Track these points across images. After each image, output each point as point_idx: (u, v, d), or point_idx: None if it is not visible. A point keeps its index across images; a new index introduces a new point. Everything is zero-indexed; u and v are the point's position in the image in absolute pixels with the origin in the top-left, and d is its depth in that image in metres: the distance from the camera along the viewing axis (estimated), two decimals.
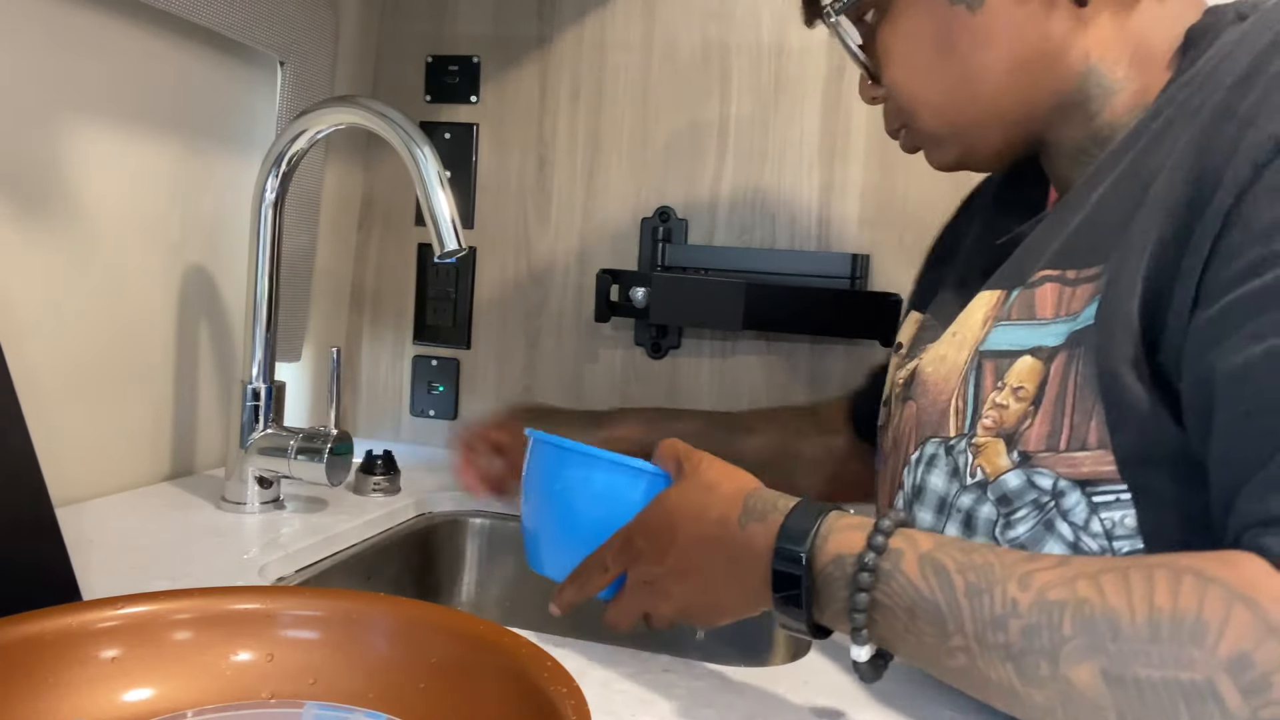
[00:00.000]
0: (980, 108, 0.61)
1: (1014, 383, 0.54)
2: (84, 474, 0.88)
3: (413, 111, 1.21)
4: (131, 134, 0.90)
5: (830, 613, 0.50)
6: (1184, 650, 0.39)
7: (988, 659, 0.44)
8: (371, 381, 1.27)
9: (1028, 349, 0.54)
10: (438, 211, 0.77)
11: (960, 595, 0.45)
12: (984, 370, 0.56)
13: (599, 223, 1.17)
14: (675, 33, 1.13)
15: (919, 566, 0.47)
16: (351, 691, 0.50)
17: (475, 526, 1.05)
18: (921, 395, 0.61)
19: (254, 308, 0.90)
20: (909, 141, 0.67)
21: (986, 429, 0.54)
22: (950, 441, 0.57)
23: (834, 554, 0.50)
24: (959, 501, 0.55)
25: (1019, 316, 0.56)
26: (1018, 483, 0.52)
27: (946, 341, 0.61)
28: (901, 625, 0.47)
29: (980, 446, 0.55)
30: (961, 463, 0.56)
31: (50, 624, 0.47)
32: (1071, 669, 0.42)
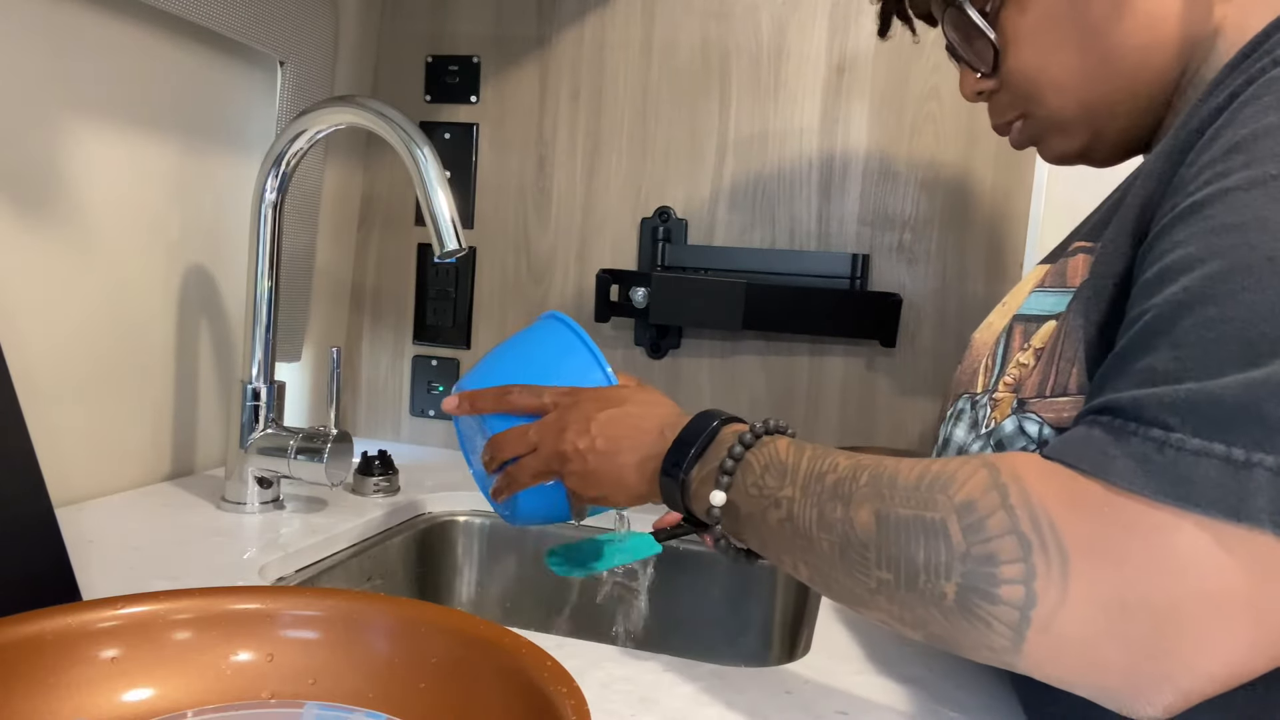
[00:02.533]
0: (1114, 86, 0.60)
1: (1036, 344, 0.57)
2: (84, 474, 0.88)
3: (413, 111, 1.21)
4: (131, 134, 0.90)
5: (705, 470, 0.58)
6: (932, 495, 0.46)
7: (803, 505, 0.51)
8: (371, 381, 1.27)
9: (1054, 314, 0.56)
10: (438, 211, 0.77)
11: (805, 460, 0.53)
12: (1014, 332, 0.59)
13: (599, 223, 1.17)
14: (675, 33, 1.13)
15: (788, 444, 0.55)
16: (351, 691, 0.50)
17: (475, 526, 1.05)
18: (965, 359, 0.65)
19: (254, 308, 0.90)
20: (1026, 133, 0.66)
21: (1006, 385, 0.58)
22: (976, 397, 0.60)
23: (736, 429, 0.59)
24: (971, 449, 0.59)
25: (1052, 284, 0.58)
26: (1011, 428, 0.56)
27: (996, 310, 0.65)
28: (752, 479, 0.55)
29: (998, 401, 0.58)
30: (980, 415, 0.59)
31: (50, 624, 0.47)
32: (856, 510, 0.48)
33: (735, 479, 0.56)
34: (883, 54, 1.08)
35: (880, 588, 0.47)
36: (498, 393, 0.70)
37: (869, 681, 0.62)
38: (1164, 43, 0.58)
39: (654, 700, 0.57)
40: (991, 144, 1.05)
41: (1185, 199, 0.46)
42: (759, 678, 0.61)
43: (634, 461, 0.62)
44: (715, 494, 0.56)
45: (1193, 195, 0.45)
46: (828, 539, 0.49)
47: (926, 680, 0.62)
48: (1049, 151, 0.66)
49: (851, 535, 0.48)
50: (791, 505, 0.52)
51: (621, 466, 0.63)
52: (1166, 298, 0.43)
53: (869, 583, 0.47)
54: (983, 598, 0.43)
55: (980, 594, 0.43)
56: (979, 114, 1.05)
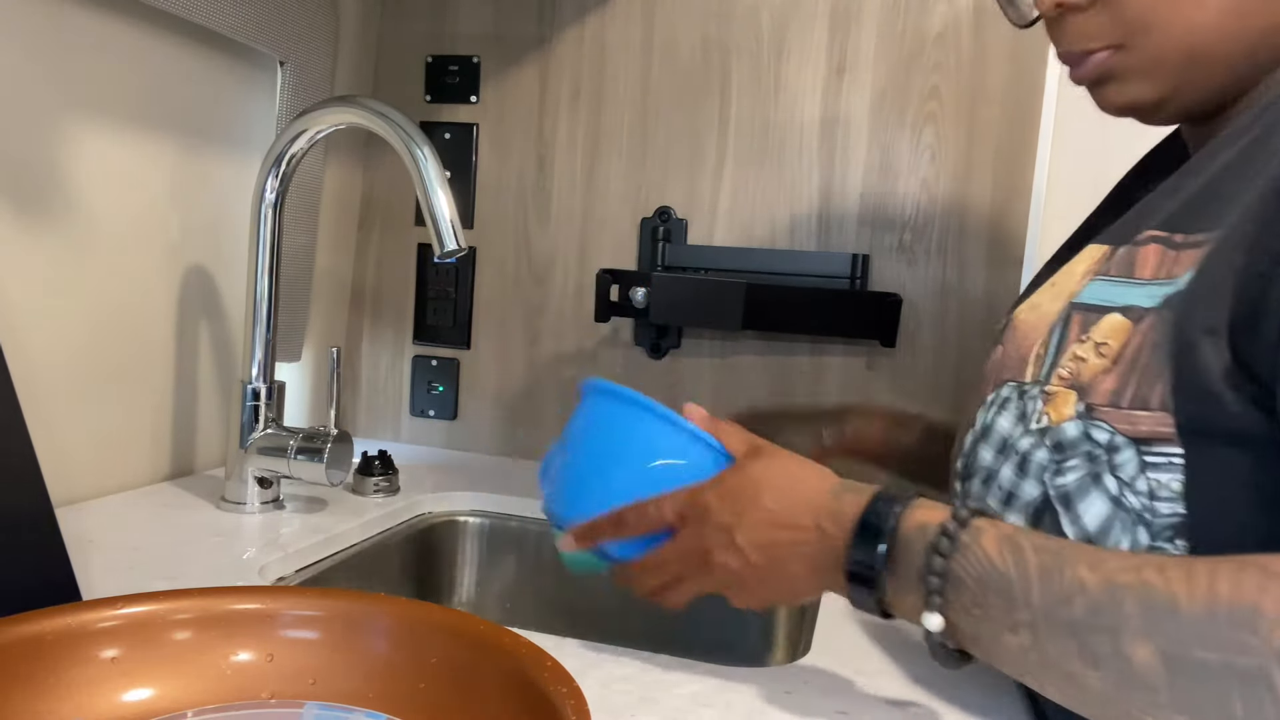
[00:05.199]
0: (1236, 41, 0.53)
1: (1098, 338, 0.53)
2: (84, 474, 0.88)
3: (413, 111, 1.21)
4: (132, 134, 0.90)
5: (902, 579, 0.51)
6: (1239, 635, 0.39)
7: (1051, 634, 0.45)
8: (371, 381, 1.27)
9: (1119, 306, 0.53)
10: (438, 211, 0.77)
11: (1032, 571, 0.46)
12: (1072, 321, 0.56)
13: (599, 223, 1.17)
14: (675, 33, 1.13)
15: (997, 542, 0.48)
16: (351, 691, 0.50)
17: (475, 526, 1.05)
18: (1009, 340, 0.61)
19: (254, 308, 0.90)
20: (1104, 67, 0.57)
21: (1061, 379, 0.54)
22: (1025, 386, 0.57)
23: (919, 522, 0.51)
24: (1019, 444, 0.55)
25: (1118, 273, 0.54)
26: (1075, 432, 0.52)
27: (1045, 291, 0.60)
28: (970, 598, 0.48)
29: (1051, 394, 0.54)
30: (1030, 408, 0.56)
31: (50, 624, 0.47)
32: (1131, 647, 0.42)
33: (947, 599, 0.49)
34: (883, 54, 1.08)
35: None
36: (611, 522, 0.60)
37: (869, 681, 0.62)
38: None
39: (654, 700, 0.57)
40: (992, 144, 1.05)
41: None
42: (759, 678, 0.61)
43: (804, 571, 0.55)
44: (929, 617, 0.49)
45: None
46: (1097, 675, 0.43)
47: (927, 681, 0.62)
48: (1119, 95, 0.58)
49: (1131, 675, 0.42)
50: (1035, 632, 0.45)
51: (791, 579, 0.56)
52: None
53: None
54: None
55: None
56: (979, 114, 1.05)
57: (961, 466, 0.61)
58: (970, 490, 0.59)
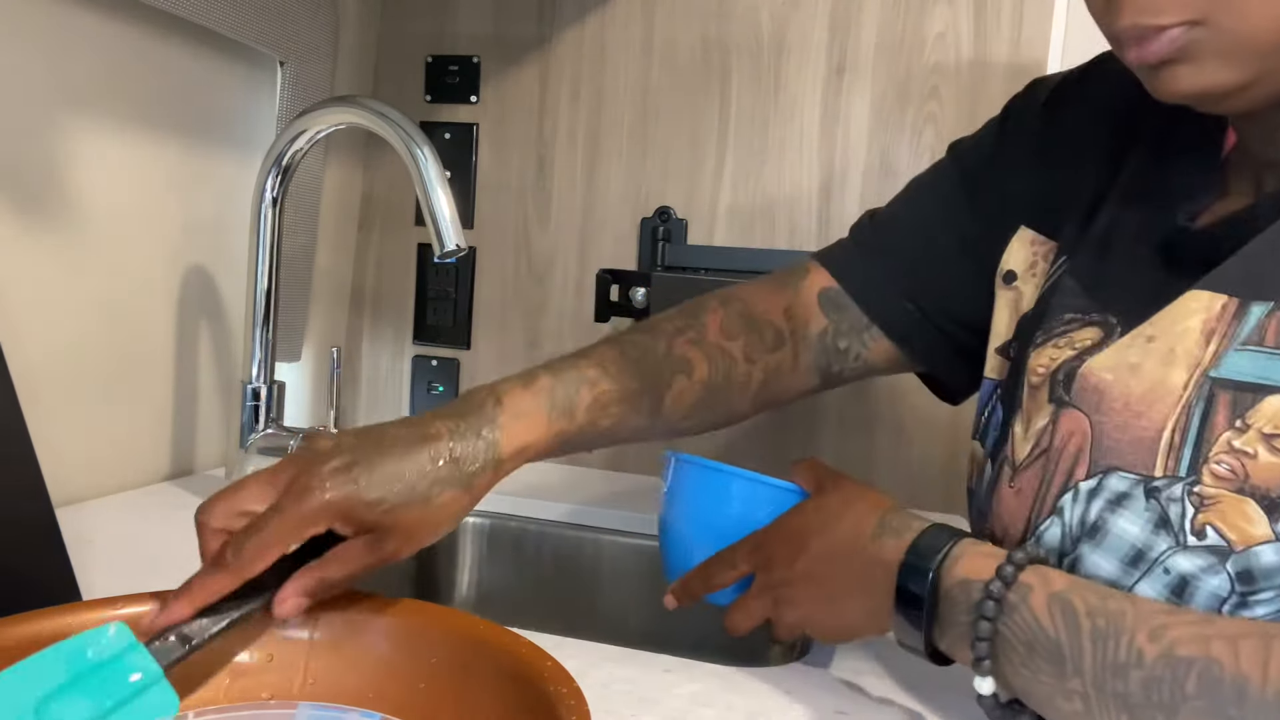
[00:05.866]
0: None
1: (1266, 428, 0.45)
2: (84, 474, 0.88)
3: (413, 111, 1.21)
4: (131, 134, 0.90)
5: (950, 637, 0.50)
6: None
7: (1103, 705, 0.43)
8: (371, 381, 1.27)
9: None
10: (438, 211, 0.77)
11: (1085, 638, 0.43)
12: (1216, 402, 0.46)
13: (599, 223, 1.17)
14: (675, 33, 1.13)
15: (1047, 604, 0.45)
16: (351, 692, 0.50)
17: (474, 526, 1.05)
18: (1099, 411, 0.50)
19: (254, 308, 0.90)
20: (1183, 45, 0.46)
21: (1220, 479, 0.45)
22: (1154, 483, 0.47)
23: (961, 577, 0.49)
24: (1172, 561, 0.46)
25: (1277, 343, 0.45)
26: (1274, 559, 0.43)
27: (1139, 348, 0.50)
28: (1019, 660, 0.46)
29: (1211, 500, 0.45)
30: (1175, 513, 0.46)
31: (50, 624, 0.47)
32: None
33: (997, 661, 0.47)
34: (883, 54, 1.07)
35: None
36: (698, 576, 0.64)
37: (869, 682, 0.62)
38: None
39: (654, 700, 0.57)
40: None
41: None
42: (759, 678, 0.61)
43: (863, 614, 0.55)
44: (980, 682, 0.47)
45: None
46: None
47: (927, 681, 0.62)
48: (1191, 79, 0.47)
49: None
50: (1087, 703, 0.43)
51: (853, 622, 0.56)
52: None
53: None
54: None
55: None
56: (979, 114, 1.05)
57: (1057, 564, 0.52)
58: None
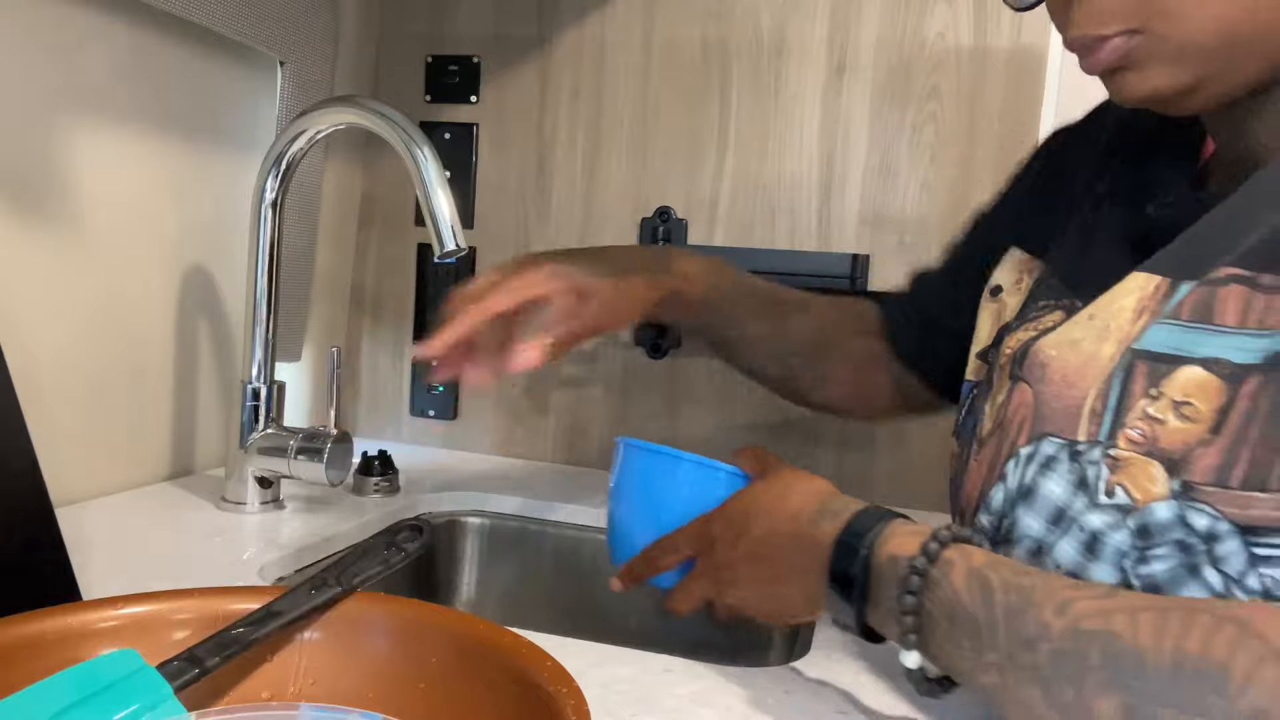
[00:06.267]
0: (1257, 25, 0.47)
1: (1176, 395, 0.47)
2: (84, 474, 0.88)
3: (413, 111, 1.21)
4: (131, 134, 0.90)
5: (880, 612, 0.52)
6: (1204, 697, 0.38)
7: (1018, 678, 0.44)
8: (371, 381, 1.27)
9: (1197, 358, 0.46)
10: (438, 211, 0.77)
11: (998, 612, 0.45)
12: (1135, 372, 0.49)
13: (599, 223, 1.17)
14: (675, 33, 1.13)
15: (966, 579, 0.47)
16: (351, 692, 0.50)
17: (474, 526, 1.05)
18: (1041, 382, 0.53)
19: (254, 308, 0.90)
20: (1122, 52, 0.50)
21: (1133, 442, 0.48)
22: (1078, 446, 0.50)
23: (890, 554, 0.51)
24: (1086, 519, 0.49)
25: (1191, 317, 0.47)
26: (1168, 516, 0.46)
27: (1081, 325, 0.53)
28: (942, 634, 0.48)
29: (1122, 462, 0.48)
30: (1092, 475, 0.49)
31: (50, 624, 0.47)
32: (1095, 699, 0.41)
33: (923, 635, 0.49)
34: (883, 53, 1.08)
35: None
36: (643, 560, 0.67)
37: (869, 682, 0.62)
38: None
39: (654, 700, 0.57)
40: (992, 144, 1.05)
41: None
42: (759, 678, 0.61)
43: (800, 596, 0.58)
44: (906, 655, 0.50)
45: None
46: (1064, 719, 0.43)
47: None
48: (1139, 85, 0.51)
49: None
50: (1003, 675, 0.45)
51: (791, 603, 0.59)
52: None
53: None
54: None
55: None
56: (979, 114, 1.05)
57: (991, 526, 0.55)
58: (1015, 557, 0.53)
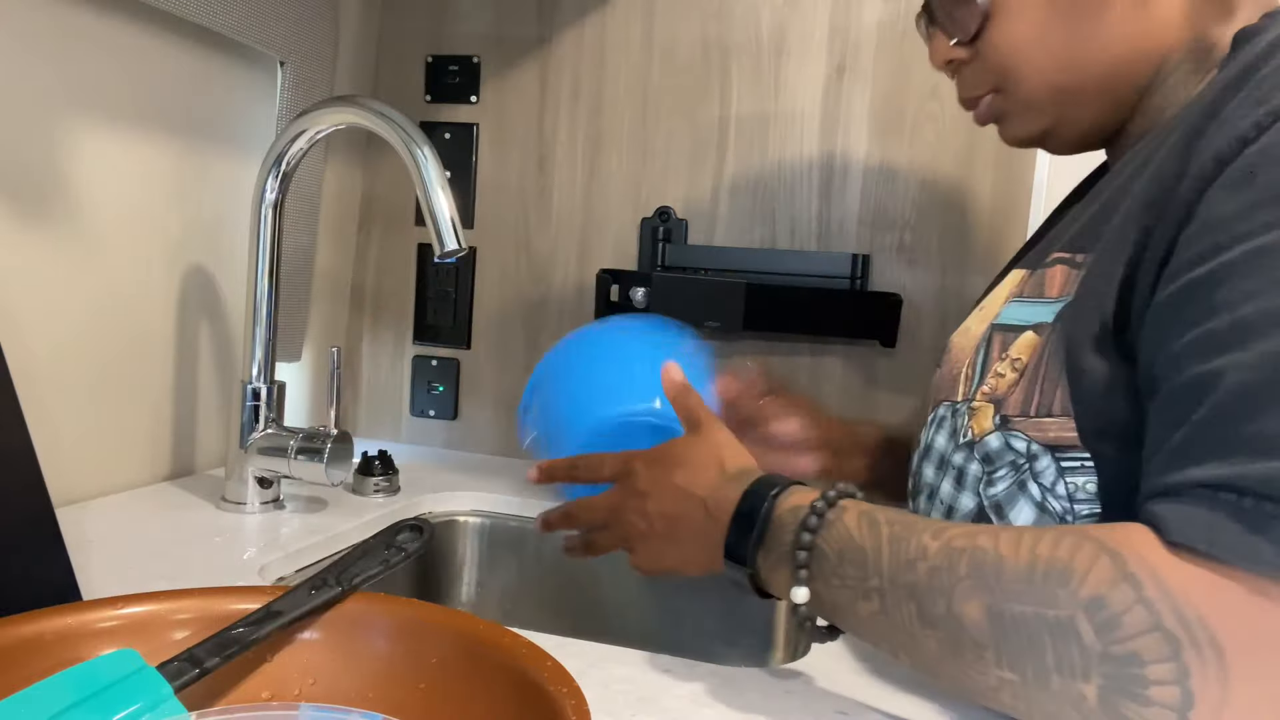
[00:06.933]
0: (1090, 74, 0.59)
1: (1014, 354, 0.57)
2: (84, 474, 0.88)
3: (413, 111, 1.21)
4: (131, 134, 0.90)
5: (773, 558, 0.56)
6: (1052, 591, 0.43)
7: (896, 598, 0.49)
8: (371, 381, 1.27)
9: (1031, 324, 0.57)
10: (438, 211, 0.77)
11: (884, 541, 0.50)
12: (994, 342, 0.60)
13: (599, 223, 1.17)
14: (675, 33, 1.13)
15: (857, 518, 0.53)
16: (351, 691, 0.50)
17: (475, 526, 1.05)
18: (945, 363, 0.66)
19: (254, 308, 0.90)
20: (993, 109, 0.65)
21: (984, 394, 0.58)
22: (956, 405, 0.61)
23: (792, 505, 0.56)
24: (953, 459, 0.59)
25: (1030, 294, 0.59)
26: (998, 444, 0.56)
27: (974, 316, 0.66)
28: (830, 568, 0.52)
29: (975, 410, 0.58)
30: (959, 424, 0.60)
31: (50, 624, 0.47)
32: (963, 605, 0.46)
33: (813, 572, 0.53)
34: (883, 53, 1.08)
35: (1003, 686, 0.45)
36: (566, 466, 0.72)
37: (868, 682, 0.62)
38: (1154, 42, 0.57)
39: (654, 700, 0.57)
40: (992, 144, 1.05)
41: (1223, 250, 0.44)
42: (759, 678, 0.61)
43: (694, 547, 0.62)
44: (796, 590, 0.54)
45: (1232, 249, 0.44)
46: (934, 636, 0.47)
47: (925, 681, 0.62)
48: (1010, 131, 0.65)
49: (962, 634, 0.46)
50: (883, 598, 0.49)
51: (684, 551, 0.63)
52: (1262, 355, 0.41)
53: (989, 680, 0.45)
54: (1131, 699, 0.41)
55: (1128, 695, 0.41)
56: None
57: (911, 485, 0.66)
58: (919, 506, 0.64)
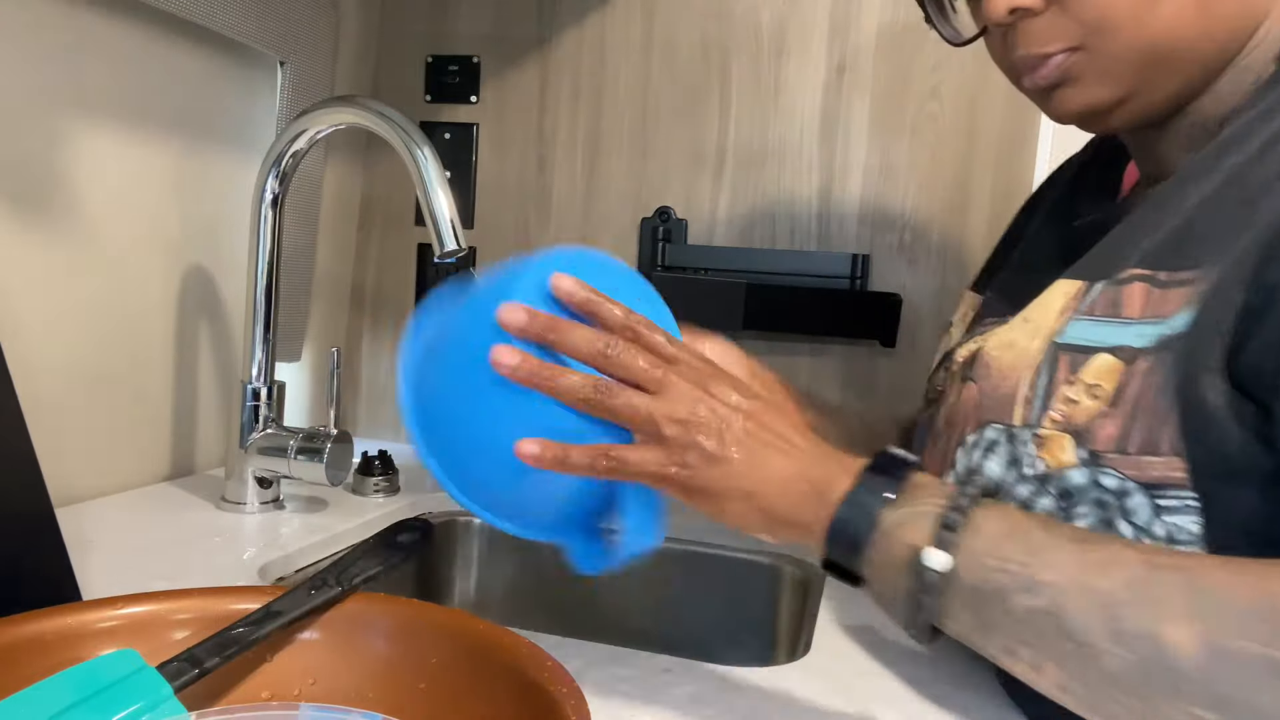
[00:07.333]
0: (1186, 37, 0.52)
1: (1089, 379, 0.52)
2: (84, 474, 0.88)
3: (413, 111, 1.21)
4: (131, 134, 0.90)
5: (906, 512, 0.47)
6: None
7: (1080, 603, 0.42)
8: (371, 381, 1.27)
9: (1108, 347, 0.52)
10: (438, 211, 0.77)
11: (1064, 535, 0.45)
12: (1059, 363, 0.54)
13: (599, 223, 1.17)
14: (675, 33, 1.13)
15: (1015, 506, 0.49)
16: (351, 691, 0.50)
17: (475, 527, 1.05)
18: (984, 378, 0.58)
19: (254, 308, 0.90)
20: (1067, 68, 0.55)
21: (1054, 421, 0.53)
22: (1013, 430, 0.54)
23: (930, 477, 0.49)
24: (1016, 491, 0.53)
25: (1103, 313, 0.53)
26: (1082, 480, 0.51)
27: (1017, 327, 0.58)
28: (985, 544, 0.45)
29: (1045, 439, 0.53)
30: (1022, 452, 0.54)
31: (50, 624, 0.47)
32: (1170, 626, 0.40)
33: (959, 537, 0.45)
34: (883, 53, 1.08)
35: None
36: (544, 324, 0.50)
37: (869, 682, 0.62)
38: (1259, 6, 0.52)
39: (654, 700, 0.57)
40: (992, 144, 1.05)
41: None
42: (759, 678, 0.61)
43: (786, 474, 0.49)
44: (932, 553, 0.45)
45: None
46: (1121, 654, 0.41)
47: (926, 681, 0.62)
48: (1077, 98, 0.56)
49: (1160, 656, 0.40)
50: (1058, 595, 0.43)
51: (766, 479, 0.49)
52: None
53: (1176, 716, 0.40)
54: None
55: None
56: (979, 114, 1.05)
57: None
58: None
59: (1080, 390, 0.52)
